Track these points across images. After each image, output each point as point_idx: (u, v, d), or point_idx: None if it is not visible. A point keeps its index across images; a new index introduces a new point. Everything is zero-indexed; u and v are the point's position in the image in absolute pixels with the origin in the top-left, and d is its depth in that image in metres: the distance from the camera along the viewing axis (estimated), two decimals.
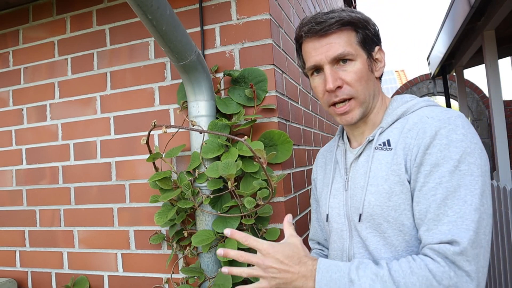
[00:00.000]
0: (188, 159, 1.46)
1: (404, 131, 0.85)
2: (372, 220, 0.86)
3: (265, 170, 1.09)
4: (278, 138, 1.34)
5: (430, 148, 0.78)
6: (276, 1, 1.51)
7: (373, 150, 0.89)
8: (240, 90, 1.39)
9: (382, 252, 0.84)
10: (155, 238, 1.46)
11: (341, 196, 0.97)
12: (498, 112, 2.98)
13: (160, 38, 1.12)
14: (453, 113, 0.81)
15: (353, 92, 0.88)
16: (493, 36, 3.04)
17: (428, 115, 0.83)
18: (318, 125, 2.28)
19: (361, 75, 0.88)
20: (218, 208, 1.33)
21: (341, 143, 1.03)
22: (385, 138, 0.89)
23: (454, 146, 0.76)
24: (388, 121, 0.90)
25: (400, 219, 0.82)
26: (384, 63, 0.95)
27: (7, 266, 1.79)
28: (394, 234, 0.83)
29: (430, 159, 0.77)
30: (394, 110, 0.91)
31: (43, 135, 1.74)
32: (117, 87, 1.60)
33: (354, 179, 0.93)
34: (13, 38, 1.81)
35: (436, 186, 0.75)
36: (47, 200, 1.72)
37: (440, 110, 0.83)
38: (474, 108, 6.93)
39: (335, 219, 0.98)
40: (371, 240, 0.86)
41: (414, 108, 0.89)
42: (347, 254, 0.93)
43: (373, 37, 0.92)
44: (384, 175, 0.85)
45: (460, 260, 0.70)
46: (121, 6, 1.60)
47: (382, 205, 0.84)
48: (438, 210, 0.74)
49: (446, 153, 0.76)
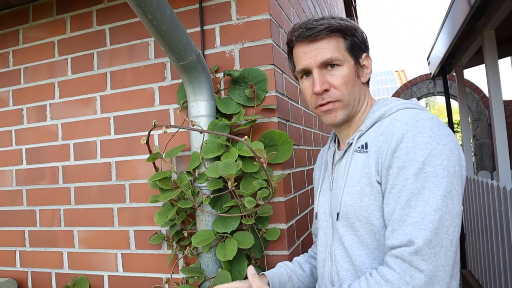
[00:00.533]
0: (188, 159, 1.46)
1: (377, 135, 0.88)
2: (347, 219, 0.90)
3: (265, 170, 1.08)
4: (278, 138, 1.34)
5: (397, 151, 0.80)
6: (276, 1, 1.50)
7: (352, 152, 0.93)
8: (240, 90, 1.39)
9: (356, 249, 0.89)
10: (155, 238, 1.46)
11: (327, 195, 1.03)
12: (498, 112, 2.98)
13: (160, 38, 1.12)
14: (423, 116, 0.83)
15: (338, 96, 0.93)
16: (493, 36, 3.04)
17: (398, 118, 0.86)
18: (318, 125, 2.28)
19: (347, 79, 0.92)
20: (218, 208, 1.33)
21: (332, 145, 1.08)
22: (363, 141, 0.92)
23: (420, 149, 0.77)
24: (366, 124, 0.94)
25: (370, 219, 0.85)
26: (370, 69, 0.99)
27: (7, 266, 1.79)
28: (366, 233, 0.87)
29: (397, 161, 0.79)
30: (373, 114, 0.94)
31: (43, 135, 1.74)
32: (117, 87, 1.60)
33: (336, 180, 0.99)
34: (13, 38, 1.81)
35: (402, 188, 0.78)
36: (47, 200, 1.72)
37: (411, 113, 0.85)
38: (474, 108, 6.93)
39: (322, 217, 1.03)
40: (347, 238, 0.91)
41: (391, 111, 0.91)
42: (329, 250, 0.97)
43: (360, 44, 0.96)
44: (357, 177, 0.89)
45: (416, 259, 0.72)
46: (121, 6, 1.60)
47: (354, 205, 0.88)
48: (402, 211, 0.77)
49: (412, 155, 0.78)
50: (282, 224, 1.36)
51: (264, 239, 1.35)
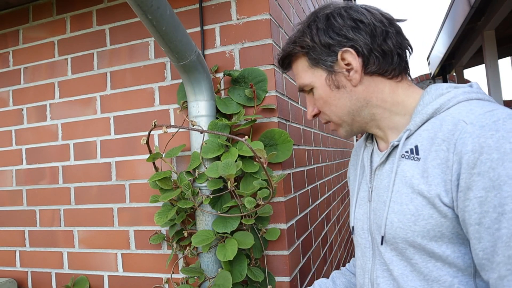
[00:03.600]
0: (188, 159, 1.46)
1: (438, 142, 0.68)
2: (395, 243, 0.73)
3: (265, 170, 1.08)
4: (278, 137, 1.34)
5: (477, 166, 0.60)
6: (276, 1, 1.50)
7: (397, 158, 0.74)
8: (240, 90, 1.39)
9: (409, 280, 0.72)
10: (155, 238, 1.46)
11: (366, 207, 0.85)
12: None
13: (160, 38, 1.12)
14: (500, 114, 0.62)
15: (326, 117, 0.85)
16: (493, 36, 3.04)
17: (467, 119, 0.65)
18: (318, 125, 2.28)
19: (324, 100, 0.81)
20: (218, 208, 1.33)
21: (369, 143, 0.90)
22: (412, 143, 0.73)
23: (510, 160, 0.57)
24: (416, 121, 0.74)
25: (428, 247, 0.69)
26: (357, 63, 0.77)
27: (7, 266, 1.79)
28: (423, 261, 0.70)
29: (481, 181, 0.60)
30: (425, 107, 0.73)
31: (43, 135, 1.74)
32: (117, 87, 1.60)
33: (377, 190, 0.80)
34: (13, 38, 1.81)
35: (499, 216, 0.58)
36: (47, 200, 1.72)
37: (482, 111, 0.64)
38: None
39: (359, 233, 0.87)
40: (395, 265, 0.74)
41: (449, 104, 0.71)
42: (369, 276, 0.82)
43: (323, 48, 0.78)
44: (409, 193, 0.71)
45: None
46: (121, 6, 1.60)
47: (406, 229, 0.70)
48: (508, 250, 0.58)
49: (501, 170, 0.58)
50: (282, 224, 1.36)
51: (264, 239, 1.35)
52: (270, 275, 1.35)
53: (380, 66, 0.76)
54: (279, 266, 1.36)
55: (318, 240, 1.95)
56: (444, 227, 0.67)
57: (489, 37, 3.04)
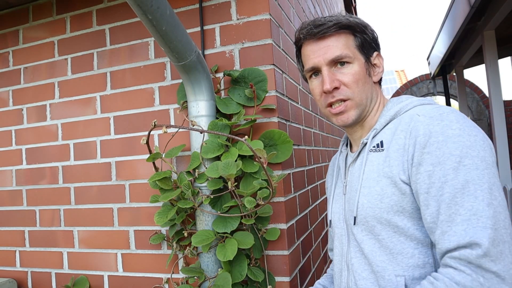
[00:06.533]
0: (188, 159, 1.46)
1: (397, 132, 0.84)
2: (366, 222, 0.85)
3: (265, 170, 1.08)
4: (278, 137, 1.34)
5: (427, 146, 0.75)
6: (276, 1, 1.50)
7: (367, 152, 0.89)
8: (240, 90, 1.39)
9: (377, 255, 0.83)
10: (155, 238, 1.46)
11: (341, 200, 0.98)
12: (498, 112, 2.98)
13: (160, 38, 1.12)
14: (445, 109, 0.79)
15: (349, 94, 0.90)
16: (493, 36, 3.04)
17: (419, 113, 0.82)
18: (318, 125, 2.28)
19: (358, 77, 0.89)
20: (218, 208, 1.33)
21: (344, 149, 1.04)
22: (378, 140, 0.88)
23: (452, 142, 0.73)
24: (381, 122, 0.90)
25: (393, 221, 0.81)
26: (382, 68, 0.96)
27: (7, 266, 1.79)
28: (388, 237, 0.82)
29: (430, 158, 0.75)
30: (388, 111, 0.91)
31: (43, 135, 1.74)
32: (117, 87, 1.60)
33: (350, 183, 0.94)
34: (13, 38, 1.81)
35: (442, 185, 0.72)
36: (47, 200, 1.72)
37: (431, 108, 0.82)
38: (474, 108, 6.93)
39: (336, 224, 0.99)
40: (366, 243, 0.86)
41: (407, 107, 0.88)
42: (345, 259, 0.93)
43: (371, 42, 0.93)
44: (375, 177, 0.84)
45: (485, 262, 0.66)
46: (121, 6, 1.60)
47: (374, 207, 0.83)
48: (449, 210, 0.71)
49: (445, 149, 0.73)
50: (282, 224, 1.36)
51: (264, 239, 1.35)
52: (270, 275, 1.35)
53: (381, 75, 0.96)
54: (279, 266, 1.36)
55: (318, 240, 1.95)
56: (404, 202, 0.80)
57: (489, 37, 3.04)
